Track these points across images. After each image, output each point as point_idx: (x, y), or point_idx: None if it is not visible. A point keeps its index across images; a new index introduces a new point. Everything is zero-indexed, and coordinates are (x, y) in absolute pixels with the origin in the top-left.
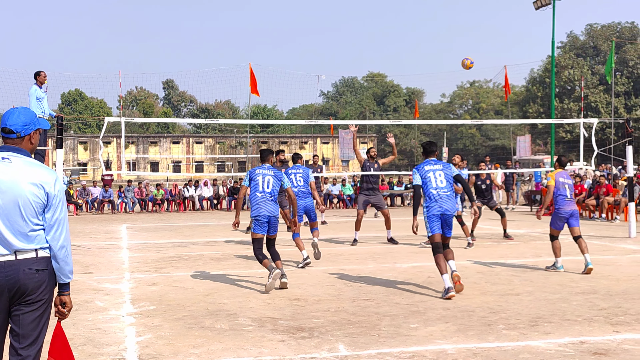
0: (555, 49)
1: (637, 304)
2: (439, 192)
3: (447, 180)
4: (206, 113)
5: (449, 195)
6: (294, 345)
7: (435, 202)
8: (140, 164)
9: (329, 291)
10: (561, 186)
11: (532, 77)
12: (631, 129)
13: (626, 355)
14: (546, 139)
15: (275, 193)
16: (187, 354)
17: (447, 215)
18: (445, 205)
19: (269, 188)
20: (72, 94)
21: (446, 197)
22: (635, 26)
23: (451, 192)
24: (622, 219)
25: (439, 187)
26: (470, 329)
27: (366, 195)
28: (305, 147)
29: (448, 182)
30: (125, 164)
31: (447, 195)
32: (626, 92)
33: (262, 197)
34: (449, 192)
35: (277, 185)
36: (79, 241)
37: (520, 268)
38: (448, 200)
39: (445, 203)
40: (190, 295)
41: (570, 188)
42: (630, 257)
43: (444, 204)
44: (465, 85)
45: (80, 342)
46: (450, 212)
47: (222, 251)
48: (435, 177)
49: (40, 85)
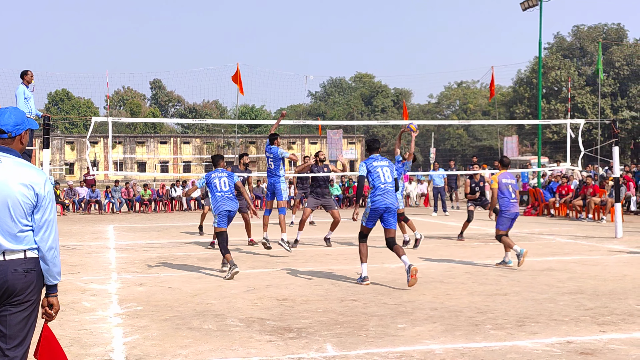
0: (542, 50)
1: (624, 303)
2: (387, 187)
3: (392, 177)
4: (194, 113)
5: (392, 190)
6: (281, 345)
7: (381, 196)
8: (127, 164)
9: (317, 291)
10: (504, 187)
11: (519, 78)
12: (617, 129)
13: (613, 355)
14: (533, 139)
15: (232, 190)
16: (174, 355)
17: (391, 208)
18: (390, 199)
19: (226, 187)
20: (59, 94)
21: (391, 192)
22: (622, 27)
23: (394, 187)
24: (608, 219)
25: (387, 182)
26: (457, 329)
27: (316, 197)
28: (293, 147)
29: (393, 178)
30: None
31: (392, 190)
32: (612, 93)
33: (221, 195)
34: (393, 187)
35: (232, 183)
36: (65, 241)
37: (508, 268)
38: (392, 195)
39: (390, 197)
40: (177, 295)
41: (514, 188)
42: (617, 257)
43: (389, 198)
44: (453, 86)
45: (67, 343)
46: (394, 206)
47: (209, 252)
48: (384, 172)
49: (27, 84)
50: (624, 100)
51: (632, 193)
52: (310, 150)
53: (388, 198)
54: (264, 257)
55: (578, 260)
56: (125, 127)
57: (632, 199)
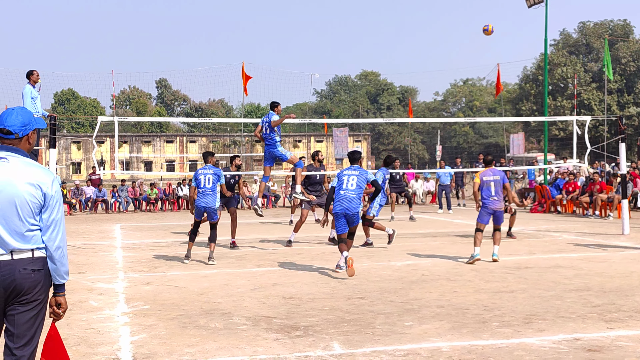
0: (548, 47)
1: (631, 300)
2: (345, 193)
3: (358, 185)
4: (200, 112)
5: (353, 197)
6: (288, 343)
7: (339, 201)
8: (133, 164)
9: (324, 290)
10: (485, 184)
11: (525, 75)
12: (624, 126)
13: (620, 351)
14: (539, 136)
15: (214, 187)
16: (181, 353)
17: (348, 213)
18: (345, 205)
19: (209, 184)
20: (65, 94)
21: (350, 198)
22: (628, 24)
23: (358, 195)
24: (615, 216)
25: (348, 189)
26: (464, 326)
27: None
28: (299, 145)
29: (358, 186)
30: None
31: (352, 197)
32: (619, 89)
33: (202, 191)
34: (355, 194)
35: (216, 181)
36: (72, 241)
37: (514, 265)
38: (351, 201)
39: (347, 203)
40: (184, 294)
41: (497, 185)
42: (624, 254)
43: (344, 204)
44: (459, 83)
45: (75, 342)
46: (351, 211)
47: (215, 250)
48: (348, 180)
49: (33, 84)
50: (630, 97)
51: (639, 189)
52: (317, 148)
53: (345, 203)
54: (271, 256)
55: (584, 257)
56: (132, 126)
57: (639, 195)
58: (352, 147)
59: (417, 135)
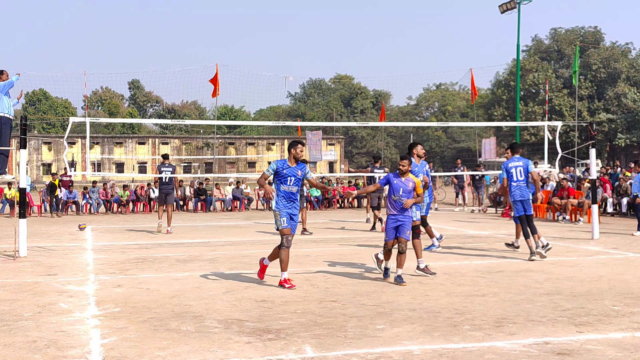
0: (521, 53)
1: (600, 304)
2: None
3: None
4: (172, 114)
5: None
6: (260, 347)
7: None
8: (105, 165)
9: (296, 292)
10: None
11: (498, 80)
12: (594, 132)
13: (589, 355)
14: (511, 141)
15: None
16: (152, 356)
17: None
18: None
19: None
20: (37, 94)
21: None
22: (599, 31)
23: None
24: (585, 220)
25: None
26: (436, 329)
27: None
28: (272, 148)
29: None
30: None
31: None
32: (589, 95)
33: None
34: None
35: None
36: (43, 243)
37: (486, 269)
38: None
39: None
40: (155, 297)
41: None
42: (594, 259)
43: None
44: (432, 88)
45: (44, 345)
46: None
47: (187, 253)
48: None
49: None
50: (600, 103)
51: (608, 195)
52: None
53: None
54: (243, 259)
55: (555, 262)
56: (103, 127)
57: (609, 200)
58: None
59: (390, 139)
